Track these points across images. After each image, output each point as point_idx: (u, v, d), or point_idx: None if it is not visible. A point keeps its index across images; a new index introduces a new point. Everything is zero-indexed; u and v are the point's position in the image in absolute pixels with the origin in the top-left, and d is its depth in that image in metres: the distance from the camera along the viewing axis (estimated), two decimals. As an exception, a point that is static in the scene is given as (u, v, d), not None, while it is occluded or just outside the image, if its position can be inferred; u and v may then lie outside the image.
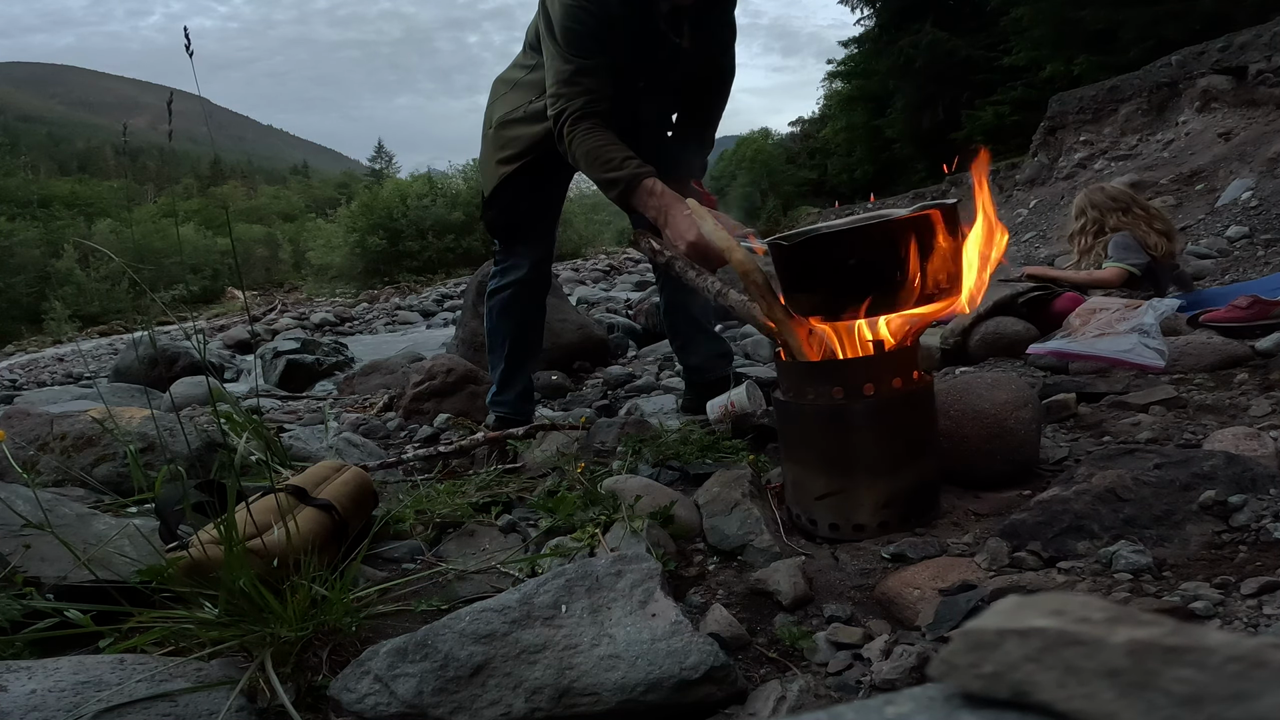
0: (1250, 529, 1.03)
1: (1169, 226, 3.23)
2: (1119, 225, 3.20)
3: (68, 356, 11.31)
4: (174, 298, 10.53)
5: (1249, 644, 0.30)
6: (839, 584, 1.13)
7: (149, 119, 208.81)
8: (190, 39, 1.11)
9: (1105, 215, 3.26)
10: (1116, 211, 3.23)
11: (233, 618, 0.94)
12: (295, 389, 5.04)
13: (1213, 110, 7.47)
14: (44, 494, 1.27)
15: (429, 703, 0.82)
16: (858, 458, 1.25)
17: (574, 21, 1.82)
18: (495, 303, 2.30)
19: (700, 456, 1.65)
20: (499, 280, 2.29)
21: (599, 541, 1.25)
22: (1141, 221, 3.19)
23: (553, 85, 1.88)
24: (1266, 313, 2.26)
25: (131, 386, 3.90)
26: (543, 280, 2.32)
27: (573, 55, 1.84)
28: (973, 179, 1.31)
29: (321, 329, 11.19)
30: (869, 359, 1.29)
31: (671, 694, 0.83)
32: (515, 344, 2.31)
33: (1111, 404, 1.80)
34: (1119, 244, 3.14)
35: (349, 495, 1.41)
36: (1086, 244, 3.32)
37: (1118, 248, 3.14)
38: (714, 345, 2.40)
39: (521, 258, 2.24)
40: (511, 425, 2.18)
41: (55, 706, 0.76)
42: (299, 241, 37.88)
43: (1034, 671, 0.32)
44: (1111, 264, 3.11)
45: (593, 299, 8.33)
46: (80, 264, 30.22)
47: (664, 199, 1.71)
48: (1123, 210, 3.23)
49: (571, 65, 1.84)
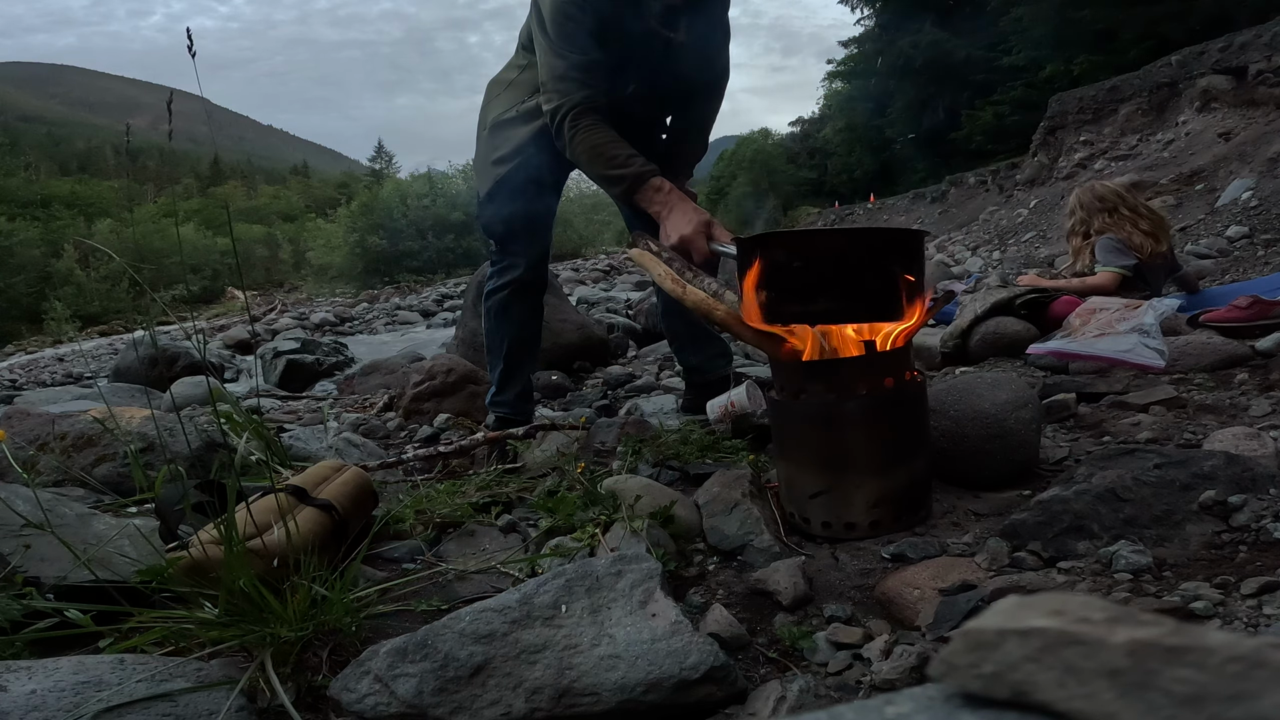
0: (1250, 529, 1.03)
1: (1157, 226, 3.22)
2: (1103, 227, 3.21)
3: (68, 356, 11.31)
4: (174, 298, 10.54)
5: (1249, 644, 0.30)
6: (839, 584, 1.13)
7: (149, 119, 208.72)
8: (193, 40, 1.11)
9: (1091, 216, 3.28)
10: (1102, 213, 3.24)
11: (233, 618, 0.94)
12: (295, 389, 5.04)
13: (1213, 110, 7.47)
14: (44, 494, 1.27)
15: (429, 703, 0.82)
16: (849, 457, 1.25)
17: (566, 17, 1.82)
18: (493, 304, 2.30)
19: (700, 456, 1.65)
20: (496, 281, 2.29)
21: (599, 541, 1.25)
22: (1126, 222, 3.19)
23: (547, 80, 1.87)
24: (1266, 313, 2.26)
25: (131, 386, 3.90)
26: (539, 280, 2.32)
27: (566, 51, 1.84)
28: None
29: (321, 329, 11.19)
30: (860, 359, 1.29)
31: (671, 694, 0.83)
32: (514, 344, 2.31)
33: (1111, 404, 1.80)
34: (1104, 247, 3.16)
35: (349, 495, 1.41)
36: (1077, 244, 3.34)
37: (1103, 250, 3.16)
38: (713, 345, 2.40)
39: (517, 258, 2.24)
40: (512, 425, 2.18)
41: (55, 706, 0.76)
42: (299, 241, 37.89)
43: (1034, 671, 0.32)
44: (1101, 269, 3.13)
45: (593, 299, 8.33)
46: (80, 264, 30.23)
47: (670, 197, 1.71)
48: (1108, 211, 3.23)
49: (565, 61, 1.84)
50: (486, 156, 2.19)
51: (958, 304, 3.04)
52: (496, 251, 2.30)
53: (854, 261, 1.26)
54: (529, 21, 2.01)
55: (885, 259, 1.27)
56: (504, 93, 2.18)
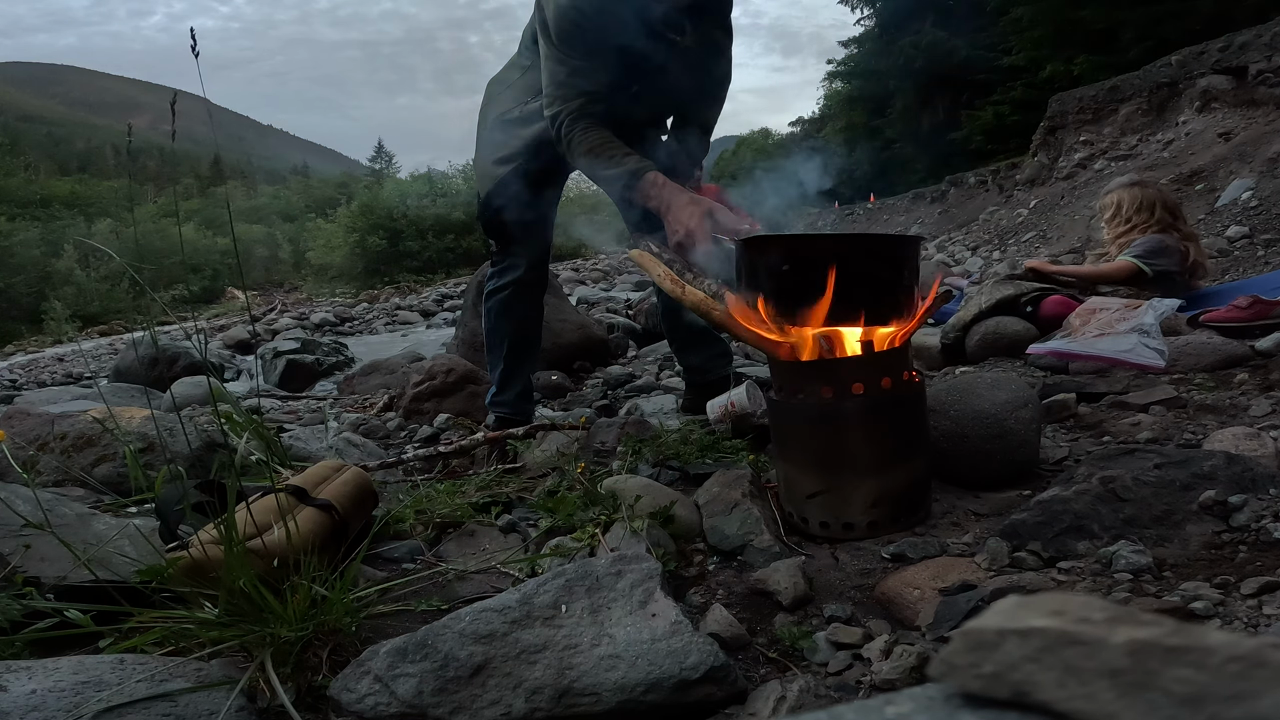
0: (1250, 529, 1.03)
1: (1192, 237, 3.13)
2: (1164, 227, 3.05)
3: (68, 356, 11.30)
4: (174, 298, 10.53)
5: (1249, 644, 0.30)
6: (839, 584, 1.13)
7: (149, 119, 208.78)
8: (196, 39, 1.11)
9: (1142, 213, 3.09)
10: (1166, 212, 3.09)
11: (233, 618, 0.94)
12: (295, 389, 5.04)
13: (1213, 110, 7.47)
14: (44, 494, 1.27)
15: (429, 703, 0.82)
16: (846, 457, 1.25)
17: (570, 22, 1.82)
18: (493, 303, 2.30)
19: (700, 456, 1.65)
20: (496, 281, 2.30)
21: (599, 541, 1.25)
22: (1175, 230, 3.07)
23: (549, 86, 1.88)
24: (1266, 313, 2.26)
25: (131, 386, 3.90)
26: (540, 280, 2.33)
27: (568, 56, 1.84)
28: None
29: (321, 329, 11.18)
30: (858, 359, 1.29)
31: (671, 694, 0.83)
32: (514, 344, 2.31)
33: (1111, 404, 1.80)
34: (1148, 244, 3.00)
35: (349, 495, 1.41)
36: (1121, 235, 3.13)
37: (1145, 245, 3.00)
38: (713, 346, 2.40)
39: (518, 258, 2.25)
40: (511, 425, 2.18)
41: (55, 706, 0.76)
42: (299, 241, 37.85)
43: (1034, 671, 0.32)
44: (1121, 257, 2.99)
45: (593, 299, 8.33)
46: (80, 264, 30.20)
47: (667, 190, 1.72)
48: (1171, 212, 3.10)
49: (566, 66, 1.85)
50: (489, 156, 2.19)
51: (964, 296, 3.03)
52: (497, 251, 2.30)
53: (852, 264, 1.26)
54: (533, 21, 2.01)
55: (882, 262, 1.27)
56: (504, 93, 2.18)
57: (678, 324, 2.40)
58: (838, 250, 1.31)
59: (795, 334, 1.33)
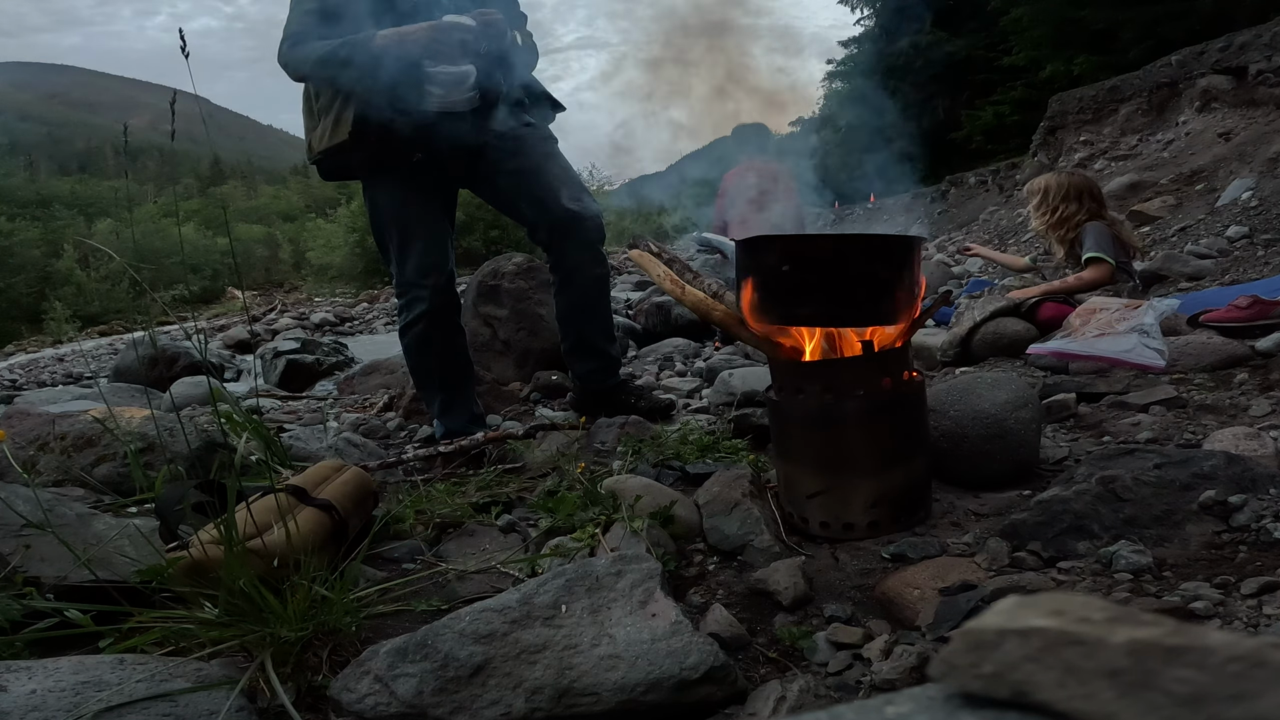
0: (1250, 529, 1.03)
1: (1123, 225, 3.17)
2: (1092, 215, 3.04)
3: (68, 356, 11.30)
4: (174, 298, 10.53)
5: (1249, 644, 0.30)
6: (839, 584, 1.13)
7: (149, 119, 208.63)
8: (186, 40, 1.11)
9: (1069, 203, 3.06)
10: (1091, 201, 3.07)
11: (233, 618, 0.94)
12: (295, 389, 5.04)
13: (1213, 110, 7.47)
14: (44, 494, 1.27)
15: (429, 703, 0.82)
16: (847, 457, 1.25)
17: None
18: (409, 341, 2.20)
19: (700, 456, 1.65)
20: (405, 316, 2.19)
21: (599, 541, 1.25)
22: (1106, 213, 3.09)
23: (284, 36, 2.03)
24: (1266, 313, 2.26)
25: (131, 386, 3.89)
26: (449, 305, 2.21)
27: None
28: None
29: (321, 329, 11.18)
30: (858, 359, 1.29)
31: (671, 694, 0.83)
32: (444, 376, 2.23)
33: (1111, 404, 1.80)
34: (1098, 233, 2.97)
35: (349, 495, 1.41)
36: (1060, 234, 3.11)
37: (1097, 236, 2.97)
38: (597, 359, 2.33)
39: (419, 289, 2.14)
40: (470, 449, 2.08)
41: (55, 706, 0.76)
42: (299, 241, 37.85)
43: (1034, 671, 0.32)
44: (1094, 255, 2.94)
45: (592, 299, 8.29)
46: (80, 264, 30.21)
47: (393, 31, 1.93)
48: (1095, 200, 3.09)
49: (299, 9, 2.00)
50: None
51: (957, 306, 3.02)
52: (395, 286, 2.21)
53: (851, 264, 1.26)
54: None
55: (881, 262, 1.27)
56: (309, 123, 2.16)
57: (571, 333, 2.33)
58: (840, 249, 1.31)
59: (798, 333, 1.33)
